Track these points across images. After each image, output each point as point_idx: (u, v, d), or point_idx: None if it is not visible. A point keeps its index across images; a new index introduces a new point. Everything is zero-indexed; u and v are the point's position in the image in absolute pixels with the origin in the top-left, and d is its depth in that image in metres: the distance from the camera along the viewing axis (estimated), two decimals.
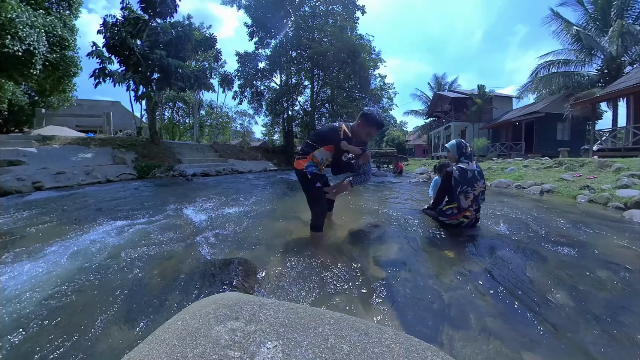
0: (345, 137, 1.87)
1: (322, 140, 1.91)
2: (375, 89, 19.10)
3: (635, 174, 3.98)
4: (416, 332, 1.02)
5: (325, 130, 1.97)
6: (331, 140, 1.88)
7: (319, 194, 1.96)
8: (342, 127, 1.90)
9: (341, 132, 1.87)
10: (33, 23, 7.91)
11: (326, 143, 1.90)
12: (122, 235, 2.16)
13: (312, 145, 1.93)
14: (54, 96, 12.22)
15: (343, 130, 1.88)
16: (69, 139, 8.65)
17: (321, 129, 2.03)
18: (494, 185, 5.56)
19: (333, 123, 2.01)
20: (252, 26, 16.93)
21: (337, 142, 1.86)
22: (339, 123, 1.96)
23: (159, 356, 0.58)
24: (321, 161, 1.97)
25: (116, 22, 9.42)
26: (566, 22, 12.43)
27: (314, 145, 1.92)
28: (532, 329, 1.04)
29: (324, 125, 2.14)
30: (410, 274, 1.49)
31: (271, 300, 0.81)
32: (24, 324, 1.07)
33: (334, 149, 1.90)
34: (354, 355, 0.59)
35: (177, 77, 10.18)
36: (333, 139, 1.87)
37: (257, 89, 18.90)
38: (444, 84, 24.20)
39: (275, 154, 16.72)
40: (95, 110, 16.80)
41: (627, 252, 1.76)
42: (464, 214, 2.13)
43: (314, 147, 1.92)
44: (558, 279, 1.42)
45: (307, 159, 1.94)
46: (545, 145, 12.71)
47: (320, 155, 1.94)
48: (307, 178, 1.92)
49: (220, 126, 27.74)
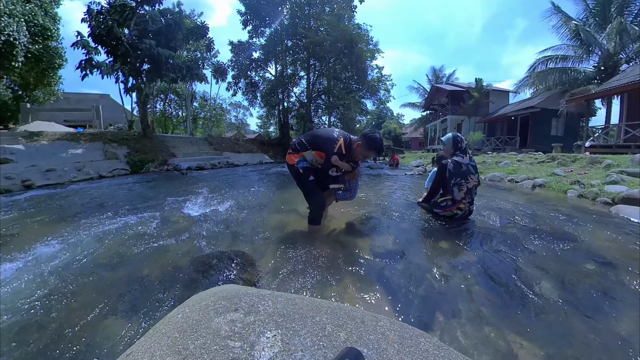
0: (339, 152, 1.79)
1: (316, 145, 1.89)
2: (372, 81, 18.87)
3: (624, 170, 4.08)
4: (410, 319, 1.06)
5: (322, 137, 1.88)
6: (324, 150, 1.84)
7: (313, 187, 1.95)
8: (339, 140, 1.81)
9: (336, 146, 1.79)
10: (11, 11, 7.46)
11: (318, 149, 1.88)
12: (118, 231, 2.14)
13: (305, 146, 1.91)
14: (39, 90, 11.72)
15: (340, 144, 1.80)
16: (58, 135, 8.37)
17: (319, 133, 1.94)
18: (488, 179, 5.65)
19: (333, 131, 1.89)
20: (246, 14, 16.34)
21: (330, 153, 1.80)
22: (338, 133, 1.87)
23: (160, 349, 0.59)
24: (310, 162, 1.96)
25: (101, 9, 8.94)
26: (566, 17, 12.36)
27: (307, 146, 1.91)
28: (521, 316, 1.10)
29: (324, 129, 2.05)
30: (405, 264, 1.53)
31: (269, 292, 0.83)
32: (23, 320, 1.07)
33: (325, 157, 1.87)
34: (350, 343, 0.61)
35: (168, 68, 9.84)
36: (326, 149, 1.82)
37: (252, 80, 18.46)
38: (441, 76, 24.03)
39: (271, 147, 16.56)
40: (83, 104, 16.19)
41: (611, 245, 1.84)
42: (458, 206, 2.17)
43: (306, 148, 1.91)
44: (546, 270, 1.48)
45: (299, 155, 1.94)
46: (539, 140, 12.87)
47: (310, 157, 1.94)
48: (299, 173, 1.93)
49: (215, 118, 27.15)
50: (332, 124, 20.26)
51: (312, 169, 1.97)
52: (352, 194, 2.23)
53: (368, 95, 18.99)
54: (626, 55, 11.16)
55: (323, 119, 20.46)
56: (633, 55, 10.89)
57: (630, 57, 11.04)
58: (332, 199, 2.24)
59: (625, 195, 3.00)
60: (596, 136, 8.98)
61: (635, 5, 10.93)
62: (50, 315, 1.09)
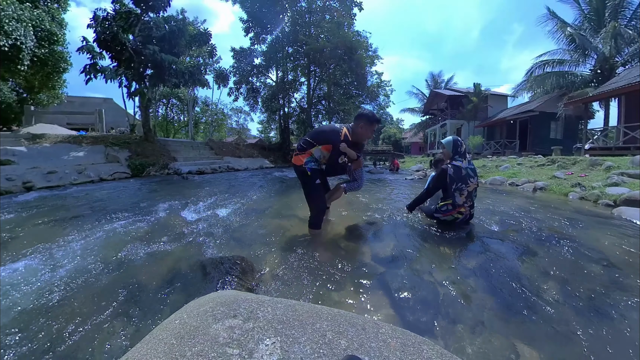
0: (346, 140, 1.89)
1: (322, 139, 1.94)
2: (372, 86, 19.08)
3: (624, 172, 4.08)
4: (412, 326, 1.04)
5: (326, 130, 2.01)
6: (331, 141, 1.90)
7: (317, 191, 1.97)
8: (343, 129, 1.93)
9: (342, 134, 1.89)
10: (19, 17, 7.63)
11: (325, 142, 1.92)
12: (117, 235, 2.13)
13: (311, 143, 1.94)
14: (43, 93, 11.88)
15: (344, 132, 1.90)
16: (60, 137, 8.44)
17: (322, 128, 2.06)
18: (489, 183, 5.64)
19: (334, 124, 2.05)
20: (248, 21, 16.67)
21: (337, 143, 1.88)
22: (340, 125, 1.99)
23: (157, 355, 0.58)
24: (318, 159, 1.99)
25: (107, 16, 9.16)
26: (561, 22, 12.56)
27: (313, 144, 1.94)
28: (524, 321, 1.07)
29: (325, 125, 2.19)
30: (406, 269, 1.51)
31: (269, 298, 0.82)
32: (20, 325, 1.05)
33: (332, 149, 1.92)
34: (351, 350, 0.60)
35: (170, 73, 9.98)
36: (333, 140, 1.90)
37: (253, 86, 18.69)
38: (440, 81, 24.27)
39: (272, 151, 16.63)
40: (86, 107, 16.38)
41: (615, 247, 1.82)
42: (459, 210, 2.16)
43: (313, 145, 1.94)
44: (549, 274, 1.45)
45: (306, 154, 1.95)
46: (538, 143, 12.90)
47: (317, 153, 1.97)
48: (306, 175, 1.94)
49: (216, 123, 27.38)
50: None
51: (320, 171, 2.01)
52: (359, 183, 2.27)
53: (368, 100, 19.19)
54: (622, 58, 11.29)
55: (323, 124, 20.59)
56: (629, 58, 11.02)
57: (625, 60, 11.17)
58: (340, 193, 2.28)
59: (627, 197, 2.99)
60: (595, 138, 9.00)
61: (629, 10, 11.12)
62: (46, 320, 1.07)
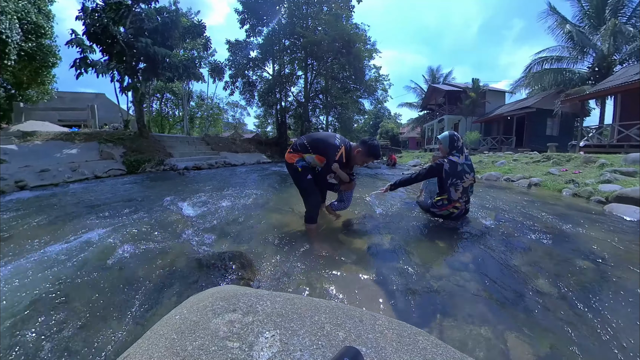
0: (340, 161, 1.84)
1: (317, 149, 1.91)
2: (369, 80, 18.88)
3: (617, 169, 4.15)
4: (408, 318, 1.06)
5: (325, 143, 1.90)
6: (326, 156, 1.87)
7: (311, 186, 1.96)
8: (341, 148, 1.85)
9: (338, 154, 1.83)
10: (3, 9, 7.32)
11: (320, 154, 1.90)
12: (115, 232, 2.12)
13: (306, 148, 1.93)
14: (32, 89, 11.50)
15: (341, 152, 1.84)
16: (52, 135, 8.24)
17: (321, 137, 1.97)
18: (485, 178, 5.70)
19: (335, 138, 1.91)
20: (243, 13, 16.22)
21: (331, 161, 1.84)
22: (340, 141, 1.89)
23: (158, 350, 0.59)
24: (309, 163, 1.98)
25: (96, 7, 8.81)
26: (561, 18, 12.50)
27: (308, 149, 1.92)
28: (517, 313, 1.11)
29: (325, 133, 2.09)
30: (402, 263, 1.54)
31: (267, 292, 0.83)
32: (19, 323, 1.05)
33: (325, 162, 1.89)
34: (349, 341, 0.61)
35: (164, 67, 9.74)
36: (328, 155, 1.85)
37: (249, 79, 18.35)
38: (438, 76, 24.13)
39: (269, 146, 16.49)
40: (78, 103, 15.93)
41: (605, 243, 1.87)
42: (454, 205, 2.19)
43: (307, 150, 1.93)
44: (541, 267, 1.50)
45: (298, 155, 1.96)
46: (535, 140, 13.01)
47: (310, 159, 1.96)
48: (297, 171, 1.94)
49: (212, 118, 26.96)
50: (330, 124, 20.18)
51: (310, 168, 1.99)
52: (345, 204, 2.27)
53: (366, 95, 19.00)
54: (620, 57, 11.33)
55: (321, 119, 20.44)
56: (626, 57, 11.06)
57: (624, 58, 11.21)
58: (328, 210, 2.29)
59: (618, 194, 3.05)
60: (590, 136, 9.10)
61: (629, 7, 11.09)
62: (46, 318, 1.08)
